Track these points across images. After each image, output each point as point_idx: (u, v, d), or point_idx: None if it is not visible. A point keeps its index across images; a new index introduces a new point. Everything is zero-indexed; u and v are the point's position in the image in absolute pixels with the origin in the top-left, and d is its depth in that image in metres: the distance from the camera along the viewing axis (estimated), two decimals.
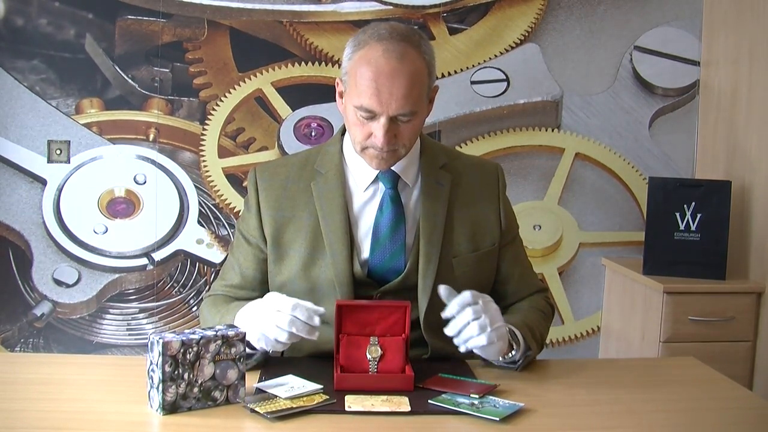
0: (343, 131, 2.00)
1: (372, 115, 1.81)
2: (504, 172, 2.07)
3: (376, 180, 1.94)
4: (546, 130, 3.44)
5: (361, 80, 1.80)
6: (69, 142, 3.27)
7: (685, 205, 3.06)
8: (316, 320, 1.70)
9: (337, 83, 1.91)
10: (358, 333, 1.76)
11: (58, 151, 3.26)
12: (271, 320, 1.71)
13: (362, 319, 1.77)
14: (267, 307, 1.74)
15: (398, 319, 1.77)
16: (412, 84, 1.79)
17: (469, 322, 1.72)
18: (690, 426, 1.58)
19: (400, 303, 1.77)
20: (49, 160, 3.26)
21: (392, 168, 1.92)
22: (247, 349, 1.76)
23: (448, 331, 1.73)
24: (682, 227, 3.06)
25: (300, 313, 1.70)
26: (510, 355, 1.82)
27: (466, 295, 1.74)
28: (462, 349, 1.74)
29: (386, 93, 1.78)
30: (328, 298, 1.88)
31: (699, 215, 3.04)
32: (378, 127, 1.81)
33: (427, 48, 1.86)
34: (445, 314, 1.74)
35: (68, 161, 3.27)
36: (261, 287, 1.99)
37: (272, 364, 1.84)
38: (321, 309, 1.72)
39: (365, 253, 1.92)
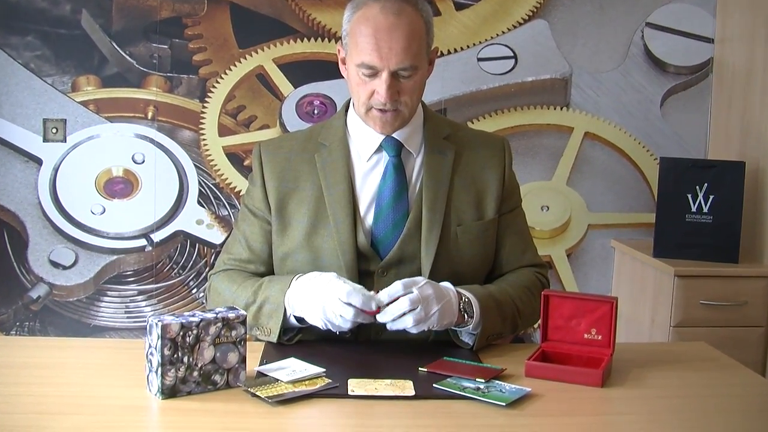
0: (347, 107, 2.05)
1: (374, 72, 1.87)
2: (510, 146, 2.09)
3: (379, 149, 1.98)
4: (554, 109, 3.43)
5: (360, 38, 1.87)
6: (65, 120, 3.26)
7: (697, 187, 3.05)
8: (373, 305, 1.74)
9: (338, 50, 1.99)
10: None
11: (54, 130, 3.25)
12: (335, 309, 1.74)
13: None
14: (328, 292, 1.76)
15: None
16: (410, 38, 1.86)
17: (404, 313, 1.74)
18: (701, 412, 1.58)
19: None
20: (45, 139, 3.26)
21: (395, 136, 1.97)
22: (294, 320, 1.84)
23: (381, 318, 1.75)
24: (693, 209, 3.05)
25: (356, 300, 1.73)
26: (462, 326, 1.85)
27: (397, 285, 1.76)
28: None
29: (386, 47, 1.85)
30: (331, 267, 1.91)
31: (711, 197, 3.03)
32: (380, 83, 1.87)
33: (425, 7, 1.94)
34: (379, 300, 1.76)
35: (64, 140, 3.27)
36: (269, 260, 2.02)
37: (273, 347, 1.84)
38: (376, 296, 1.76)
39: (368, 222, 1.95)
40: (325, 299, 1.76)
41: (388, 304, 1.74)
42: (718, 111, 3.40)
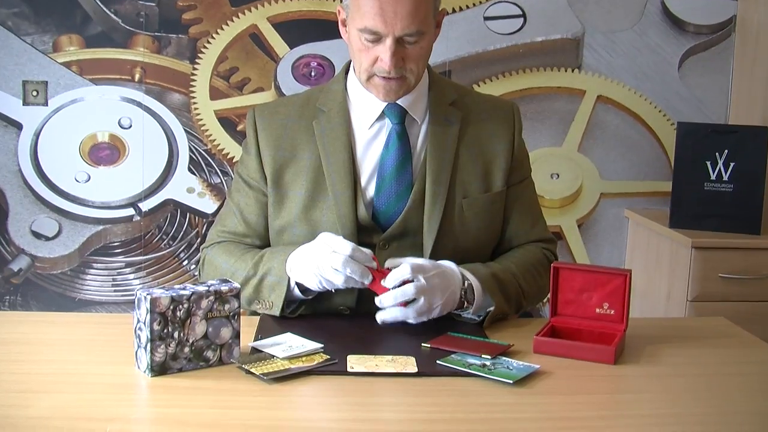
0: (347, 69, 2.03)
1: (377, 38, 1.84)
2: (520, 112, 2.07)
3: (382, 116, 1.96)
4: (565, 71, 3.42)
5: (363, 1, 1.83)
6: (46, 82, 3.25)
7: (717, 153, 3.04)
8: (373, 263, 1.77)
9: (339, 11, 1.95)
10: None
11: (35, 93, 3.24)
12: (327, 260, 1.76)
13: None
14: (322, 248, 1.78)
15: None
16: (417, 1, 1.82)
17: (407, 303, 1.76)
18: (719, 391, 1.59)
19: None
20: (25, 103, 3.25)
21: (399, 102, 1.95)
22: (298, 291, 1.85)
23: (384, 300, 1.76)
24: (713, 177, 3.05)
25: (358, 254, 1.75)
26: (459, 310, 1.87)
27: (405, 269, 1.76)
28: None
29: (390, 12, 1.81)
30: None
31: (732, 164, 3.03)
32: (384, 50, 1.84)
33: None
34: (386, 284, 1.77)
35: (46, 103, 3.26)
36: (265, 233, 2.02)
37: (269, 321, 1.85)
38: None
39: (370, 194, 1.95)
40: (318, 251, 1.79)
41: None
42: (741, 73, 3.39)
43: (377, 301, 1.77)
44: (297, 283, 1.85)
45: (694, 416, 1.47)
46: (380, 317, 1.78)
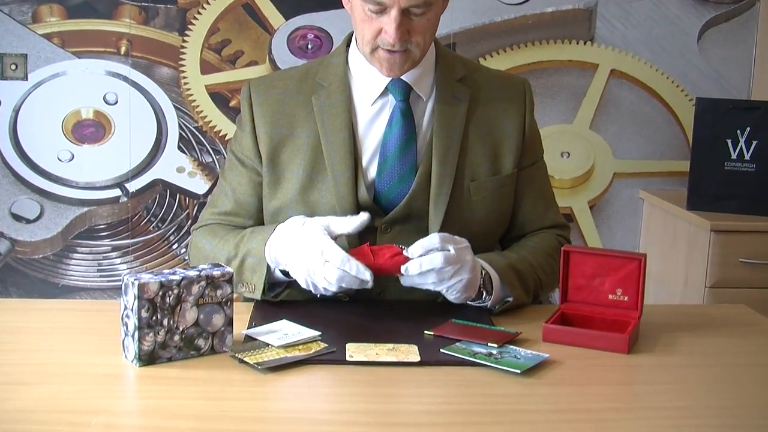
0: (348, 41, 2.02)
1: (382, 8, 1.83)
2: (532, 90, 2.07)
3: (385, 93, 1.95)
4: (577, 43, 3.41)
5: None
6: (26, 55, 3.24)
7: (738, 131, 3.04)
8: (368, 276, 1.71)
9: None
10: None
11: (14, 66, 3.24)
12: (319, 271, 1.72)
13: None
14: (314, 251, 1.74)
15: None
16: None
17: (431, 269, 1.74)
18: (738, 383, 1.59)
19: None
20: (3, 77, 3.25)
21: (404, 78, 1.94)
22: (279, 273, 1.83)
23: (410, 269, 1.73)
24: (734, 156, 3.05)
25: (351, 268, 1.71)
26: (477, 302, 1.85)
27: (434, 238, 1.75)
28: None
29: None
30: None
31: (754, 142, 3.02)
32: (389, 21, 1.83)
33: None
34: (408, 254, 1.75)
35: (26, 78, 3.26)
36: (258, 215, 2.02)
37: (263, 307, 1.85)
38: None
39: (371, 175, 1.94)
40: (310, 258, 1.75)
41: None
42: (765, 45, 3.38)
43: (402, 269, 1.73)
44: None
45: (711, 409, 1.48)
46: (403, 282, 1.76)
